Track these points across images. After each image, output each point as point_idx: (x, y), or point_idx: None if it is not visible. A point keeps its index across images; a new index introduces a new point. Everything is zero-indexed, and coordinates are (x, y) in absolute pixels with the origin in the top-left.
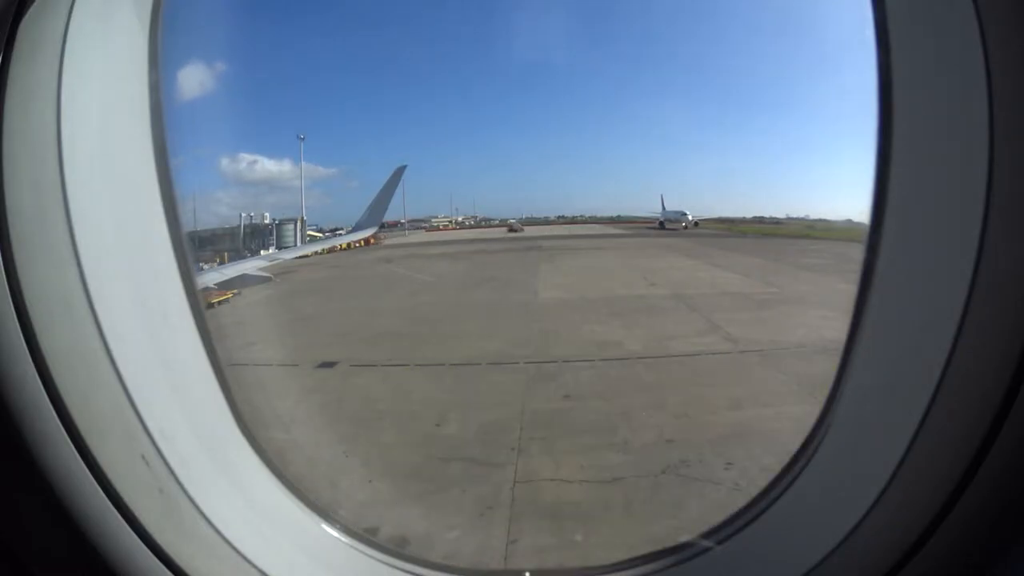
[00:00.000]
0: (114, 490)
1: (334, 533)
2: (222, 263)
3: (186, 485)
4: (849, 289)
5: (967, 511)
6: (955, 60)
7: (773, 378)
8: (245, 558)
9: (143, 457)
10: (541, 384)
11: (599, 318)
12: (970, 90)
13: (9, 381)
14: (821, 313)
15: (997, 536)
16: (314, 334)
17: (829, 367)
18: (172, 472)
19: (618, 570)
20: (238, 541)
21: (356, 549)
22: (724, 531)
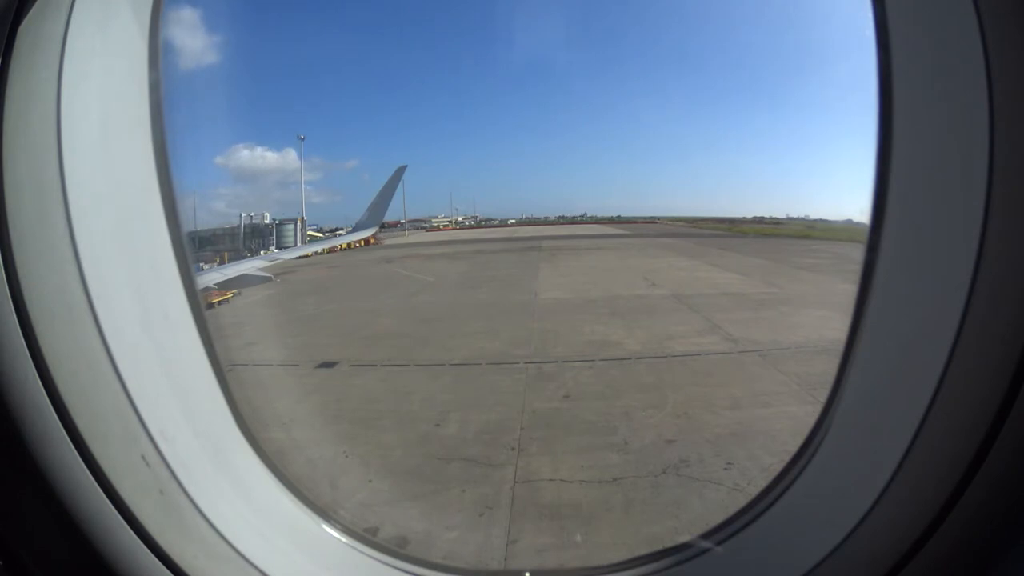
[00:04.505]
0: (114, 491)
1: (334, 533)
2: (222, 263)
3: (186, 486)
4: (849, 289)
5: (967, 511)
6: (955, 60)
7: (773, 378)
8: (245, 558)
9: (143, 458)
10: (541, 384)
11: (599, 318)
12: (970, 90)
13: (9, 381)
14: (821, 313)
15: (997, 537)
16: (314, 334)
17: (829, 367)
18: (172, 473)
19: (618, 570)
20: (238, 541)
21: (356, 549)
22: (724, 531)
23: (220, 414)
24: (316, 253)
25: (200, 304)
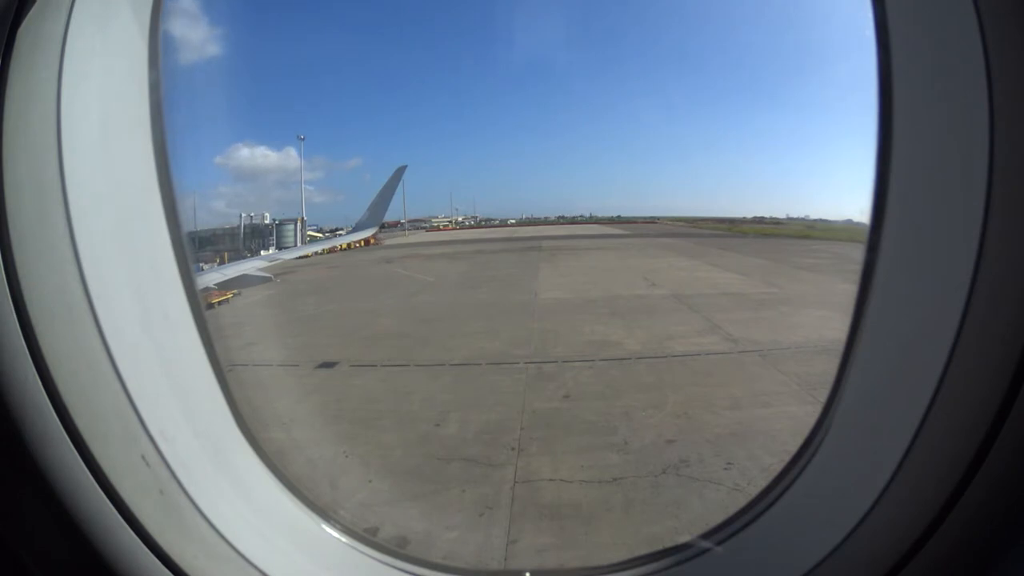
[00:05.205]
0: (115, 491)
1: (334, 533)
2: (222, 263)
3: (186, 486)
4: (849, 289)
5: (967, 511)
6: (955, 60)
7: (773, 378)
8: (245, 558)
9: (143, 458)
10: (541, 384)
11: (599, 318)
12: (970, 90)
13: (9, 381)
14: (821, 313)
15: (997, 537)
16: (314, 334)
17: (829, 367)
18: (172, 473)
19: (618, 570)
20: (238, 541)
21: (356, 549)
22: (724, 531)
23: (220, 414)
24: (316, 253)
25: (200, 304)
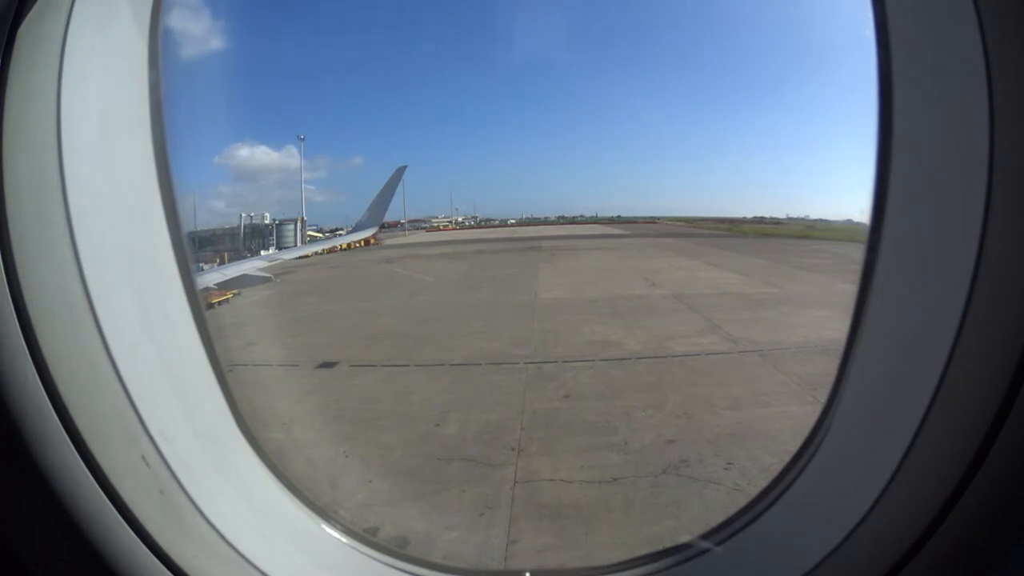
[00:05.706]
0: (115, 491)
1: (334, 533)
2: (222, 263)
3: (186, 486)
4: (849, 289)
5: (967, 511)
6: (955, 60)
7: (773, 378)
8: (245, 558)
9: (143, 458)
10: (541, 384)
11: (599, 318)
12: (970, 90)
13: (9, 381)
14: (821, 313)
15: (997, 537)
16: (314, 334)
17: (829, 367)
18: (172, 473)
19: (618, 570)
20: (238, 541)
21: (356, 549)
22: (724, 531)
23: (220, 414)
24: (316, 253)
25: (200, 304)
